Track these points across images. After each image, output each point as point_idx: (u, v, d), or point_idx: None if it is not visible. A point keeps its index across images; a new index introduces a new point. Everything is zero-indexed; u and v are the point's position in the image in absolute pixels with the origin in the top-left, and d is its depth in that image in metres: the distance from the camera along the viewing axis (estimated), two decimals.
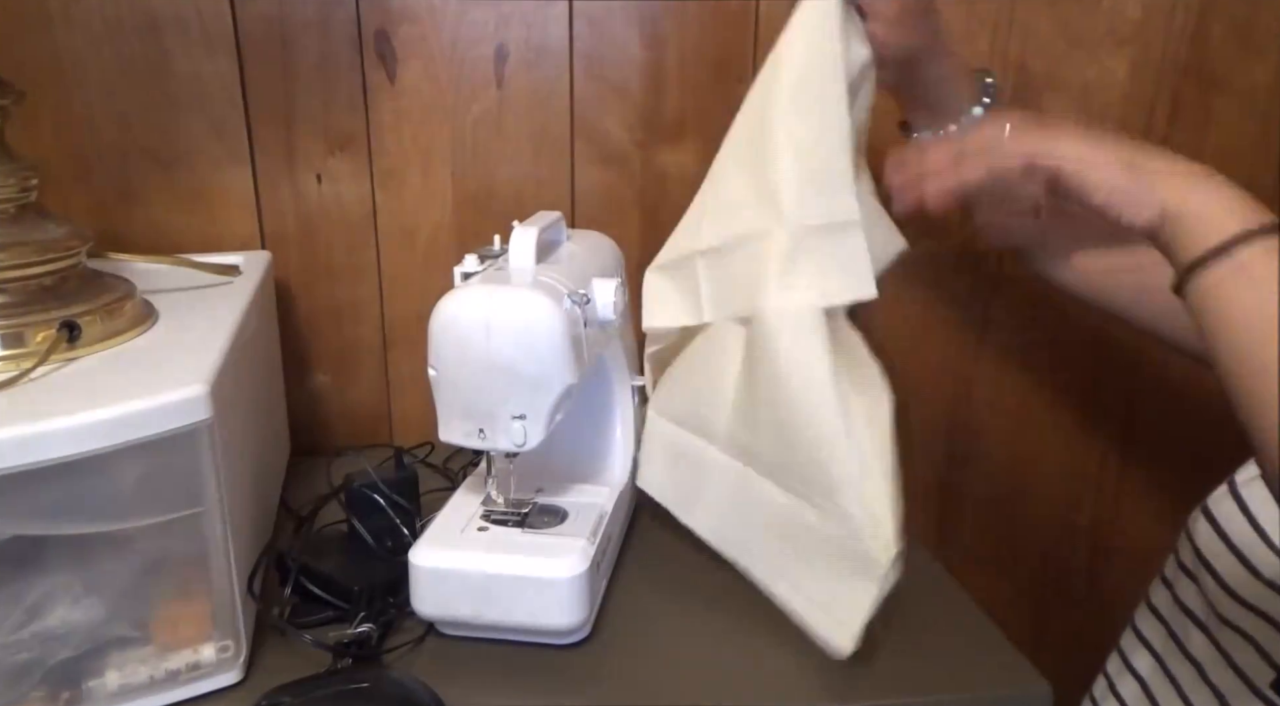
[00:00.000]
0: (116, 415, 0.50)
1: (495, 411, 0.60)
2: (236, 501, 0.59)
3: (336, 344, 0.94)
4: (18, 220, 0.59)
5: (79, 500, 0.51)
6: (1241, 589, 0.63)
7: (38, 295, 0.59)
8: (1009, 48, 0.91)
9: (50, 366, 0.55)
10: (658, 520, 0.80)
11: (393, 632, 0.64)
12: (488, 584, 0.61)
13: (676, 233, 0.72)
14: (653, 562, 0.74)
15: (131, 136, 0.84)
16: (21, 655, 0.52)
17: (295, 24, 0.84)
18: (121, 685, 0.55)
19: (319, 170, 0.88)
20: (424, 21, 0.86)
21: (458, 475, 0.85)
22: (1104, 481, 1.09)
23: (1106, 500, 1.09)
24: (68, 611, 0.53)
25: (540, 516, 0.67)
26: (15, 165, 0.59)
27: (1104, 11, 0.91)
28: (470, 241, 0.92)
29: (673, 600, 0.69)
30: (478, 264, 0.64)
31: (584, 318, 0.62)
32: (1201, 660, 0.67)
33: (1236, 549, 0.64)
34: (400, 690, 0.56)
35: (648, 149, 0.93)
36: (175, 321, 0.65)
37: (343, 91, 0.87)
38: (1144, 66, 0.93)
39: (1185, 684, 0.67)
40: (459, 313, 0.59)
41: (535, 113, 0.90)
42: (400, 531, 0.69)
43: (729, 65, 0.92)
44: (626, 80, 0.90)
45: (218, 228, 0.88)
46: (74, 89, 0.82)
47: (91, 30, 0.81)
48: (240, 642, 0.59)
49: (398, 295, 0.93)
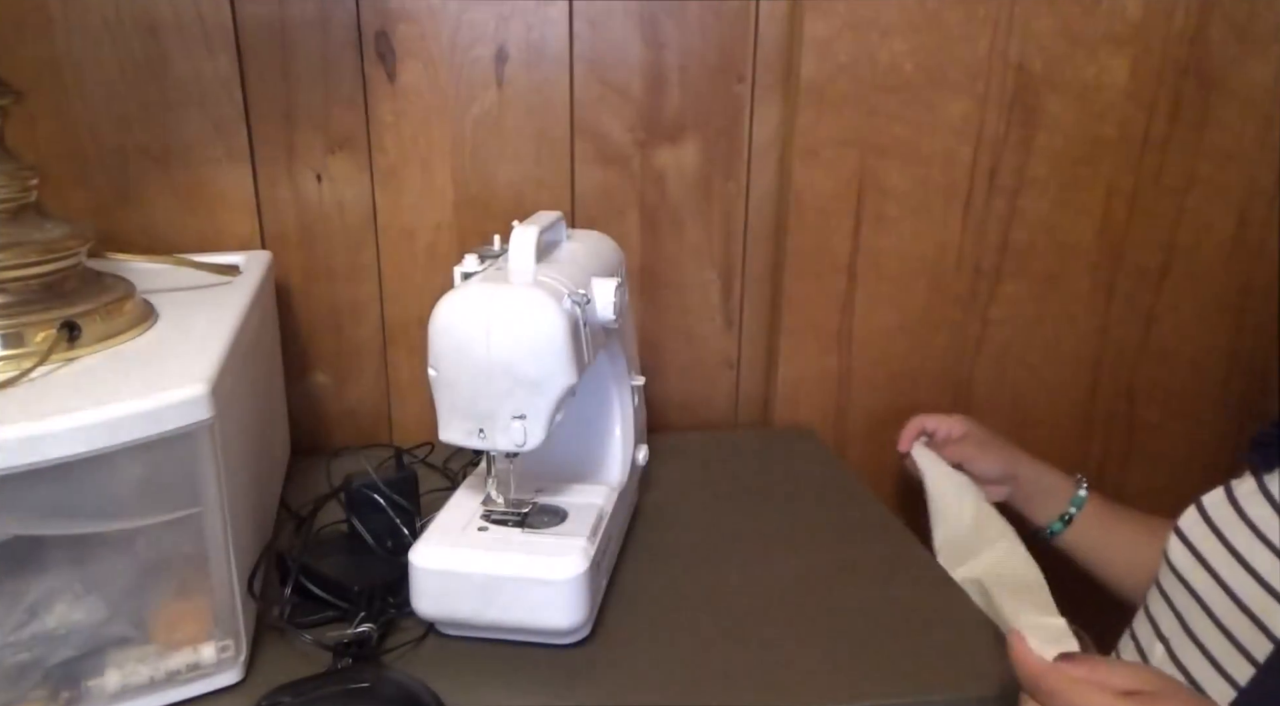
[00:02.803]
0: (116, 415, 0.50)
1: (495, 411, 0.60)
2: (236, 501, 0.59)
3: (336, 344, 0.94)
4: (18, 220, 0.59)
5: (79, 500, 0.51)
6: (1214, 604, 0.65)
7: (38, 295, 0.59)
8: (1009, 48, 0.91)
9: (50, 366, 0.55)
10: (658, 520, 0.80)
11: (393, 632, 0.64)
12: (488, 584, 0.61)
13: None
14: (653, 562, 0.74)
15: (131, 136, 0.84)
16: (21, 655, 0.52)
17: (295, 24, 0.84)
18: (121, 685, 0.55)
19: (319, 170, 0.88)
20: (424, 21, 0.86)
21: (458, 475, 0.85)
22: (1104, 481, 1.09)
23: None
24: (68, 611, 0.53)
25: (540, 516, 0.67)
26: (15, 165, 0.59)
27: (1104, 11, 0.91)
28: (470, 241, 0.92)
29: (673, 600, 0.69)
30: (478, 264, 0.64)
31: (584, 318, 0.62)
32: (1188, 665, 0.67)
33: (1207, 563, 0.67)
34: (400, 690, 0.56)
35: (648, 149, 0.93)
36: (175, 321, 0.65)
37: (342, 92, 0.87)
38: (1144, 66, 0.93)
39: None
40: (459, 313, 0.59)
41: (535, 113, 0.90)
42: (400, 531, 0.69)
43: (729, 65, 0.92)
44: (626, 80, 0.90)
45: (217, 227, 0.88)
46: (74, 89, 0.82)
47: (91, 30, 0.81)
48: (240, 642, 0.59)
49: (398, 295, 0.93)
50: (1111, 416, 1.06)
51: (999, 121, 0.93)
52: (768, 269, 0.99)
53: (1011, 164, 0.95)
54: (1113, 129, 0.95)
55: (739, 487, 0.87)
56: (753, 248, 0.98)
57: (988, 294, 1.00)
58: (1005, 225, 0.97)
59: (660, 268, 0.97)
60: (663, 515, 0.81)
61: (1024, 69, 0.92)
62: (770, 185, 0.96)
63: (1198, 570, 0.68)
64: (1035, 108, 0.93)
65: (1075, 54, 0.92)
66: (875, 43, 0.90)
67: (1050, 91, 0.93)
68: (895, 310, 0.99)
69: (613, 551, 0.71)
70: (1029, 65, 0.92)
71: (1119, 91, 0.94)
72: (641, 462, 0.78)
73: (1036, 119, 0.94)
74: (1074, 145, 0.95)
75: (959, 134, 0.93)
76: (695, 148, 0.93)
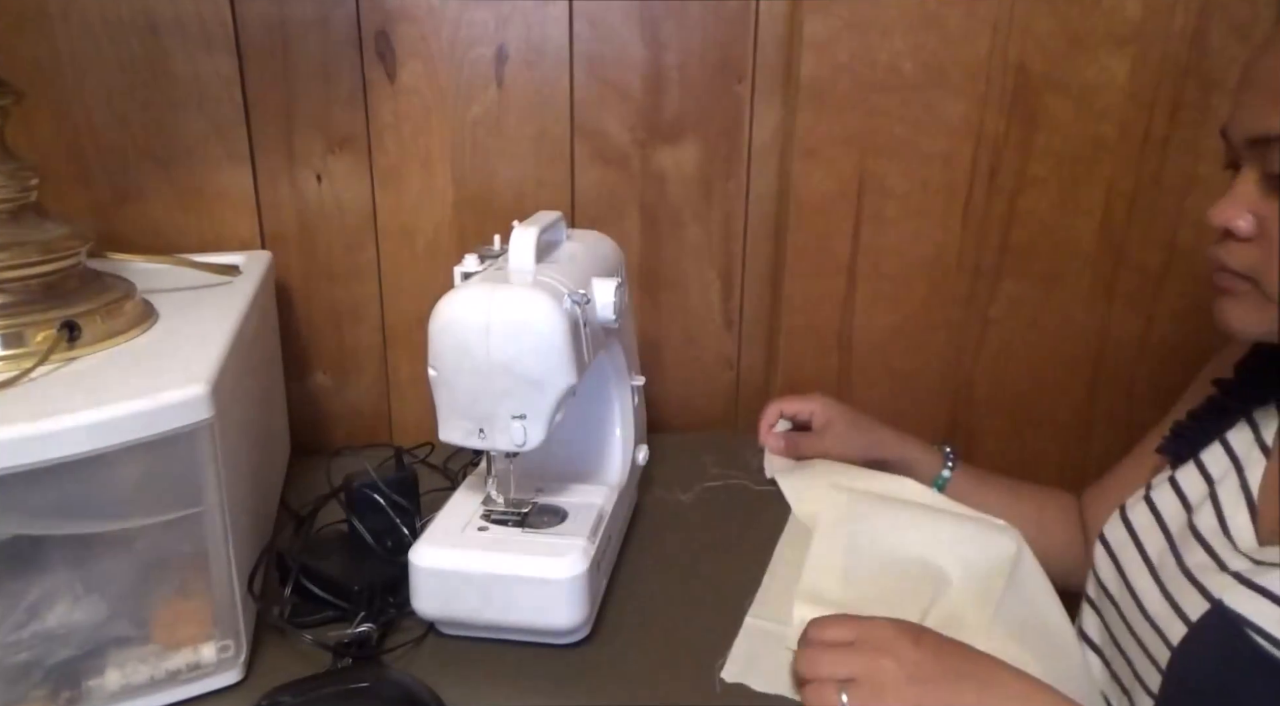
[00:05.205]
0: (116, 415, 0.50)
1: (495, 411, 0.60)
2: (236, 501, 0.59)
3: (336, 344, 0.94)
4: (18, 220, 0.59)
5: (79, 500, 0.51)
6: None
7: (38, 295, 0.59)
8: (1009, 48, 0.91)
9: (50, 366, 0.55)
10: (658, 520, 0.80)
11: (393, 632, 0.64)
12: (488, 583, 0.61)
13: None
14: (653, 562, 0.74)
15: (131, 136, 0.84)
16: (21, 655, 0.52)
17: (295, 24, 0.84)
18: (122, 685, 0.55)
19: (319, 170, 0.88)
20: (424, 21, 0.86)
21: (458, 475, 0.85)
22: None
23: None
24: (68, 611, 0.53)
25: (540, 516, 0.67)
26: (15, 165, 0.59)
27: (1104, 11, 0.91)
28: (470, 241, 0.92)
29: (673, 600, 0.69)
30: (478, 264, 0.64)
31: (584, 318, 0.62)
32: (1119, 675, 0.68)
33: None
34: (400, 690, 0.56)
35: (648, 149, 0.93)
36: (175, 321, 0.65)
37: (342, 91, 0.87)
38: (1144, 66, 0.93)
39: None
40: (459, 313, 0.59)
41: (535, 113, 0.90)
42: (400, 531, 0.69)
43: (729, 65, 0.92)
44: (626, 80, 0.90)
45: (218, 227, 0.88)
46: (74, 89, 0.82)
47: (91, 30, 0.81)
48: (240, 642, 0.59)
49: (398, 295, 0.93)
50: (1111, 416, 1.06)
51: (999, 121, 0.93)
52: (768, 269, 0.99)
53: (1011, 164, 0.95)
54: (1113, 129, 0.95)
55: (739, 488, 0.87)
56: (753, 248, 0.98)
57: (988, 294, 1.00)
58: (1005, 225, 0.97)
59: (660, 268, 0.97)
60: (663, 515, 0.81)
61: (1024, 69, 0.92)
62: (770, 185, 0.96)
63: (1116, 578, 0.67)
64: (1035, 108, 0.93)
65: (1075, 54, 0.92)
66: (875, 43, 0.90)
67: (1050, 91, 0.93)
68: (895, 310, 0.99)
69: (613, 551, 0.71)
70: (1029, 65, 0.92)
71: (1119, 91, 0.94)
72: (641, 462, 0.78)
73: (1036, 119, 0.94)
74: (1074, 145, 0.95)
75: (959, 134, 0.93)
76: (695, 148, 0.93)
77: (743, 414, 1.04)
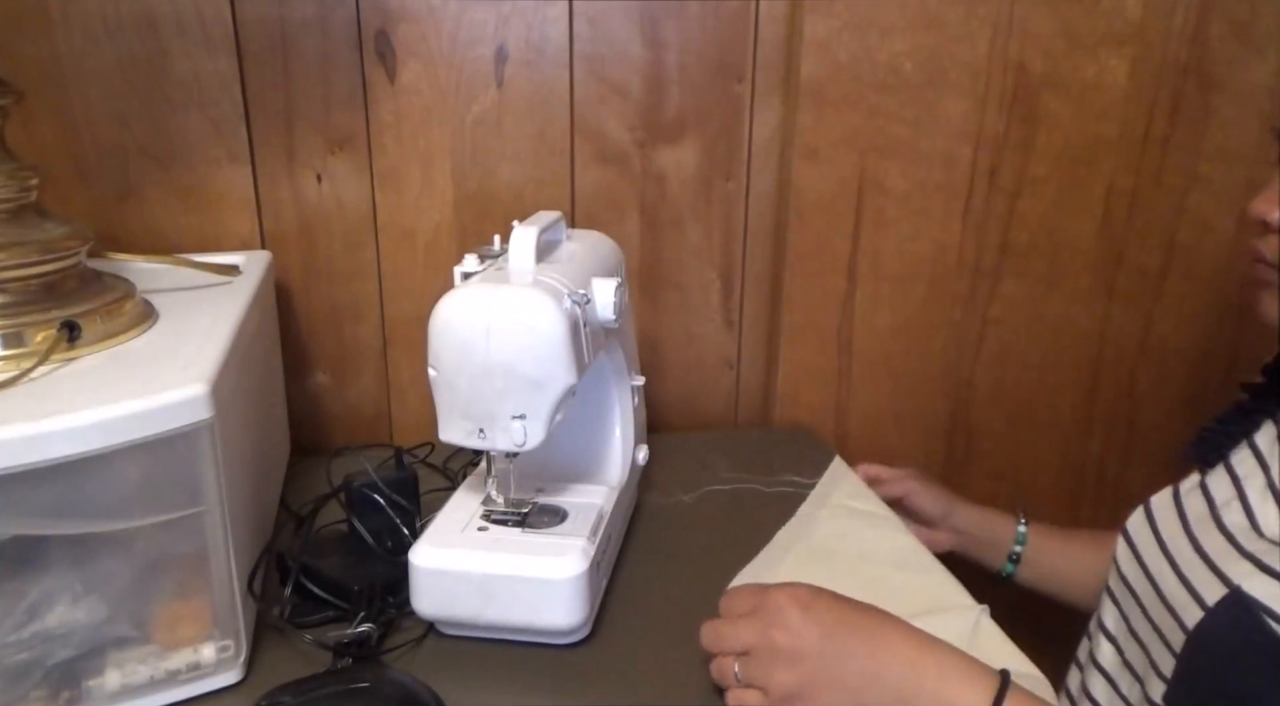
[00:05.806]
0: (116, 415, 0.50)
1: (495, 411, 0.60)
2: (236, 501, 0.59)
3: (336, 344, 0.94)
4: (18, 220, 0.59)
5: (79, 500, 0.51)
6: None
7: (38, 295, 0.58)
8: (1009, 48, 0.91)
9: (50, 366, 0.55)
10: (658, 520, 0.80)
11: (393, 632, 0.64)
12: (488, 584, 0.61)
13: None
14: (653, 562, 0.74)
15: (131, 136, 0.84)
16: (21, 655, 0.52)
17: (295, 24, 0.84)
18: (121, 685, 0.55)
19: (318, 170, 0.88)
20: (424, 21, 0.86)
21: (458, 475, 0.85)
22: (1104, 481, 1.09)
23: (1106, 500, 1.09)
24: (68, 611, 0.53)
25: (540, 516, 0.67)
26: (15, 165, 0.59)
27: (1104, 11, 0.91)
28: (470, 241, 0.92)
29: (673, 600, 0.69)
30: (478, 264, 0.64)
31: (584, 318, 0.62)
32: (1132, 661, 0.68)
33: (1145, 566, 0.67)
34: (400, 690, 0.56)
35: (648, 149, 0.93)
36: (175, 321, 0.65)
37: (342, 91, 0.87)
38: (1144, 66, 0.93)
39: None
40: (459, 313, 0.59)
41: (535, 113, 0.90)
42: (400, 531, 0.69)
43: (729, 65, 0.92)
44: (626, 80, 0.90)
45: (217, 227, 0.88)
46: (74, 89, 0.82)
47: (91, 30, 0.81)
48: (240, 642, 0.59)
49: (398, 295, 0.93)
50: (1111, 416, 1.06)
51: (999, 121, 0.93)
52: (768, 269, 0.99)
53: (1011, 164, 0.95)
54: (1113, 129, 0.95)
55: (739, 488, 0.87)
56: (753, 248, 0.98)
57: (988, 294, 1.00)
58: (1005, 225, 0.97)
59: (660, 268, 0.97)
60: (663, 515, 0.81)
61: (1024, 69, 0.92)
62: (770, 185, 0.96)
63: (1136, 569, 0.68)
64: (1035, 108, 0.93)
65: (1075, 54, 0.92)
66: (875, 43, 0.90)
67: (1050, 91, 0.93)
68: (895, 310, 0.99)
69: (613, 551, 0.71)
70: (1029, 65, 0.92)
71: (1119, 91, 0.94)
72: (641, 462, 0.78)
73: (1036, 119, 0.94)
74: (1074, 145, 0.95)
75: (959, 134, 0.93)
76: (695, 148, 0.93)
77: (742, 414, 1.04)
